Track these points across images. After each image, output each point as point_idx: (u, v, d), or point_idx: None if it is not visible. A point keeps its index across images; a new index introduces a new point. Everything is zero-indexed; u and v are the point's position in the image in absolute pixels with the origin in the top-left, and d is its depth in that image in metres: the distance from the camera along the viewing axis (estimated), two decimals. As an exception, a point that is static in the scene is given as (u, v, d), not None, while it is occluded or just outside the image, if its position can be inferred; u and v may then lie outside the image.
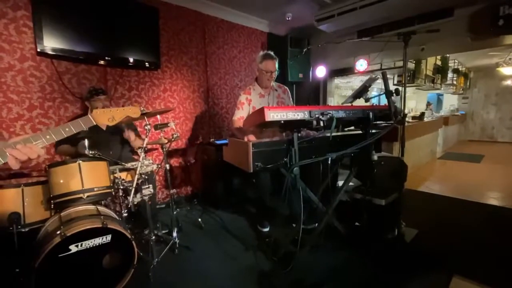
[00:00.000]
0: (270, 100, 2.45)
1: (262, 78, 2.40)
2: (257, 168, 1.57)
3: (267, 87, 2.43)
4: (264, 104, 2.35)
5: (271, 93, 2.46)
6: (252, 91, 2.41)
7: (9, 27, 2.24)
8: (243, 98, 2.36)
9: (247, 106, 2.35)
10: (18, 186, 1.69)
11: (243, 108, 2.34)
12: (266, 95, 2.44)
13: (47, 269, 1.42)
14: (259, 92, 2.41)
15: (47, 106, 2.47)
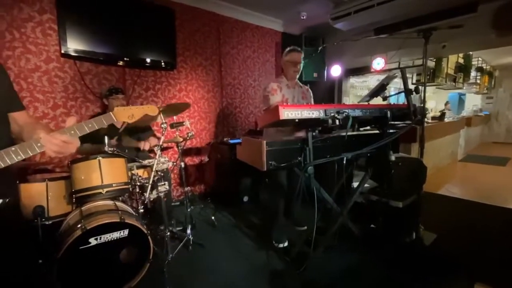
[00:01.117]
0: (296, 93, 2.39)
1: (288, 71, 2.35)
2: (270, 167, 1.57)
3: (293, 79, 2.39)
4: (291, 96, 2.33)
5: (296, 88, 2.41)
6: (281, 82, 2.35)
7: (36, 30, 2.36)
8: (274, 85, 2.27)
9: (279, 92, 2.26)
10: (43, 181, 1.78)
11: (277, 93, 2.24)
12: (292, 88, 2.39)
13: (68, 261, 1.48)
14: (286, 83, 2.35)
15: (70, 105, 2.59)
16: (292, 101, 2.31)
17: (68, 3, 2.40)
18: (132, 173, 1.95)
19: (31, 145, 0.89)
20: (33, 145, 0.89)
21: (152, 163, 1.91)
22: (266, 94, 2.25)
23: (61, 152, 0.93)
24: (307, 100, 2.46)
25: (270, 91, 2.23)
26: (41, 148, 0.90)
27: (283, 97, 2.27)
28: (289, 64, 2.32)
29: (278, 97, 2.24)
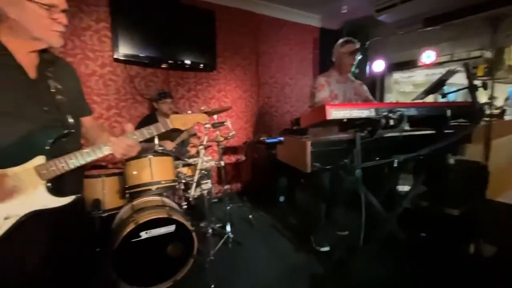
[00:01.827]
0: (347, 89, 2.23)
1: (343, 62, 2.19)
2: (314, 169, 1.51)
3: (347, 72, 2.24)
4: (341, 91, 2.18)
5: (348, 82, 2.26)
6: (331, 76, 2.22)
7: (93, 37, 2.59)
8: (322, 80, 2.15)
9: (327, 88, 2.14)
10: (100, 176, 1.94)
11: (324, 89, 2.12)
12: (343, 83, 2.23)
13: (122, 252, 1.60)
14: (336, 78, 2.21)
15: (121, 106, 2.80)
16: (343, 97, 2.17)
17: (121, 11, 2.60)
18: (178, 170, 2.04)
19: (102, 148, 0.99)
20: (103, 147, 1.00)
21: (196, 162, 1.98)
22: (312, 90, 2.16)
23: (126, 154, 1.04)
24: (360, 96, 2.29)
25: (317, 86, 2.13)
26: (110, 151, 1.01)
27: (331, 93, 2.14)
28: (346, 56, 2.17)
29: (325, 93, 2.12)
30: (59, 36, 0.94)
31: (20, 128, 0.88)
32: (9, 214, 0.85)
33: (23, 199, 0.87)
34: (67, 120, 0.99)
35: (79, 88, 1.15)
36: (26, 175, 0.87)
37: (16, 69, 0.90)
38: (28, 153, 0.88)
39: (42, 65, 0.97)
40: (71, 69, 1.15)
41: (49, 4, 0.87)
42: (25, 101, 0.90)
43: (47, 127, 0.93)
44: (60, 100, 0.98)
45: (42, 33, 0.90)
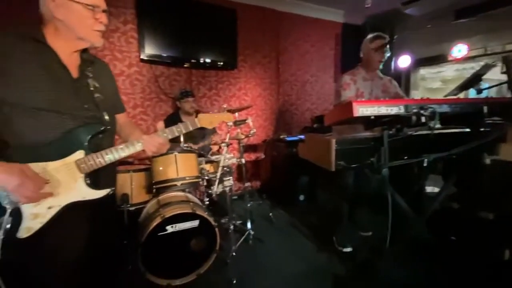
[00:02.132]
0: (375, 87, 2.13)
1: (371, 59, 2.11)
2: (339, 167, 1.48)
3: (375, 69, 2.16)
4: (367, 89, 2.10)
5: (375, 79, 2.16)
6: (357, 74, 2.15)
7: (121, 39, 2.70)
8: (347, 79, 2.09)
9: (352, 86, 2.07)
10: (128, 172, 2.03)
11: (349, 88, 2.06)
12: (370, 81, 2.14)
13: (149, 245, 1.66)
14: (363, 75, 2.14)
15: (146, 105, 2.90)
16: (369, 96, 2.10)
17: (146, 13, 2.69)
18: (201, 167, 2.09)
19: (135, 144, 1.05)
20: (136, 144, 1.05)
21: (219, 159, 2.01)
22: (338, 89, 2.10)
23: (157, 152, 1.08)
24: (389, 94, 2.20)
25: (343, 85, 2.07)
26: (142, 147, 1.06)
27: (357, 91, 2.08)
28: (374, 52, 2.09)
29: (351, 91, 2.06)
30: (100, 36, 0.99)
31: (63, 124, 0.93)
32: (52, 204, 0.91)
33: (64, 191, 0.93)
34: (104, 117, 1.04)
35: (114, 87, 1.20)
36: (67, 168, 0.94)
37: (61, 68, 0.95)
38: (69, 147, 0.94)
39: (82, 64, 1.03)
40: (108, 68, 1.19)
41: (92, 5, 0.92)
42: (68, 99, 0.95)
43: (87, 123, 0.98)
44: (98, 98, 1.03)
45: (85, 33, 0.95)
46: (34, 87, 0.88)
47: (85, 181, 0.96)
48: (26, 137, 0.89)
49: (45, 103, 0.89)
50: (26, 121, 0.89)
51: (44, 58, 0.92)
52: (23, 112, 0.88)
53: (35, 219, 0.89)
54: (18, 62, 0.86)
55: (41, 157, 0.90)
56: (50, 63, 0.93)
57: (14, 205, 0.86)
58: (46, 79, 0.90)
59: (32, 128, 0.89)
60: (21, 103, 0.87)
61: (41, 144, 0.90)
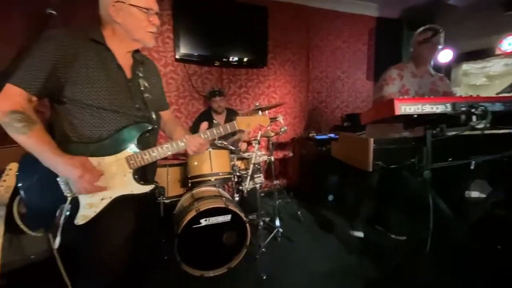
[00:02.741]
0: (423, 84, 1.99)
1: (419, 53, 1.98)
2: (377, 168, 1.44)
3: (425, 64, 2.01)
4: (414, 87, 1.96)
5: (424, 76, 2.02)
6: (405, 68, 2.02)
7: (158, 39, 2.84)
8: (394, 73, 1.97)
9: (398, 81, 1.95)
10: (165, 166, 2.13)
11: (393, 83, 1.93)
12: (419, 77, 2.01)
13: (184, 237, 1.74)
14: (412, 71, 2.00)
15: (180, 103, 3.03)
16: (415, 94, 1.96)
17: (182, 13, 2.79)
18: (232, 164, 2.13)
19: (178, 144, 1.11)
20: (179, 143, 1.11)
21: (250, 156, 2.04)
22: (381, 83, 1.97)
23: (197, 151, 1.14)
24: (438, 93, 2.04)
25: (386, 79, 1.94)
26: (184, 147, 1.11)
27: (402, 88, 1.95)
28: (422, 45, 1.96)
29: (395, 87, 1.93)
30: (152, 37, 1.05)
31: (117, 122, 1.00)
32: (104, 196, 0.99)
33: (115, 184, 1.01)
34: (152, 117, 1.10)
35: (161, 86, 1.26)
36: (119, 163, 1.01)
37: (117, 68, 1.02)
38: (121, 144, 1.02)
39: (134, 65, 1.09)
40: (155, 67, 1.25)
41: (147, 8, 0.98)
42: (123, 98, 1.02)
43: (137, 122, 1.04)
44: (147, 98, 1.10)
45: (140, 34, 1.01)
46: (95, 87, 0.95)
47: (133, 177, 1.04)
48: (84, 132, 0.97)
49: (103, 102, 0.96)
50: (85, 118, 0.96)
51: (104, 59, 0.98)
52: (83, 109, 0.95)
53: (90, 208, 0.97)
54: (82, 62, 0.93)
55: (96, 152, 0.98)
56: (108, 64, 0.99)
57: (73, 195, 0.95)
58: (105, 79, 0.97)
59: (90, 124, 0.97)
60: (82, 101, 0.94)
61: (97, 140, 0.98)
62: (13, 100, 0.86)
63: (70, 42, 0.91)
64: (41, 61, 0.88)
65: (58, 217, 0.92)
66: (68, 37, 0.92)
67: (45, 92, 0.91)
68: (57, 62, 0.89)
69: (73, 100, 0.94)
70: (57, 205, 0.94)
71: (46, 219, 0.95)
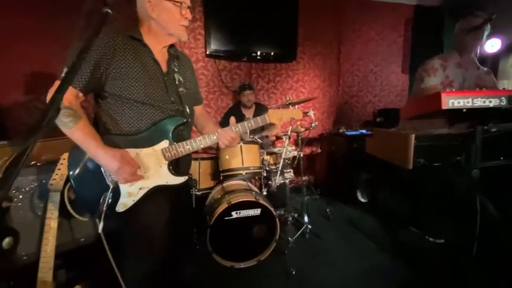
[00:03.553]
0: (468, 76, 1.84)
1: (467, 42, 1.82)
2: (418, 165, 1.36)
3: (469, 53, 1.86)
4: (458, 78, 1.81)
5: (470, 68, 1.86)
6: (449, 59, 1.87)
7: (190, 36, 2.90)
8: (437, 63, 1.82)
9: (441, 73, 1.81)
10: (197, 160, 2.20)
11: (435, 74, 1.79)
12: (464, 69, 1.85)
13: (216, 228, 1.79)
14: (456, 61, 1.85)
15: (210, 98, 3.09)
16: (460, 86, 1.81)
17: (213, 9, 2.83)
18: (262, 158, 2.14)
19: (211, 137, 1.12)
20: (211, 137, 1.12)
21: (281, 151, 2.04)
22: (421, 73, 1.84)
23: (229, 145, 1.14)
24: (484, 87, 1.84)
25: (428, 69, 1.80)
26: (216, 140, 1.12)
27: (445, 79, 1.80)
28: (465, 34, 1.80)
29: (437, 78, 1.79)
30: (185, 31, 1.08)
31: (154, 116, 1.04)
32: (142, 186, 1.04)
33: (151, 175, 1.05)
34: (186, 111, 1.13)
35: (195, 80, 1.29)
36: (155, 155, 1.05)
37: (154, 63, 1.06)
38: (157, 137, 1.05)
39: (170, 59, 1.13)
40: (190, 62, 1.29)
41: (180, 1, 1.01)
42: (159, 92, 1.05)
43: (172, 116, 1.08)
44: (182, 92, 1.13)
45: (174, 28, 1.04)
46: (132, 81, 0.99)
47: (168, 168, 1.07)
48: (124, 125, 1.02)
49: (140, 95, 1.01)
50: (125, 111, 1.01)
51: (141, 55, 1.03)
52: (123, 103, 1.00)
53: (129, 197, 1.03)
54: (121, 58, 0.98)
55: (134, 144, 1.03)
56: (146, 59, 1.04)
57: (114, 184, 1.01)
58: (143, 75, 1.01)
59: (129, 118, 1.02)
60: (121, 95, 0.99)
61: (135, 133, 1.03)
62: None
63: (110, 41, 0.96)
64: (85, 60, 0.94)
65: (102, 204, 0.99)
66: (108, 35, 0.96)
67: (89, 88, 0.97)
68: (99, 60, 0.94)
69: (113, 94, 0.99)
70: (101, 193, 1.01)
71: (92, 205, 1.02)
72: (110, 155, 0.94)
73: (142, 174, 1.03)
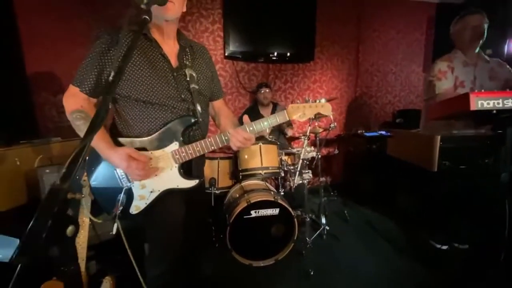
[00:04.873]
0: (478, 72, 1.81)
1: (463, 38, 1.83)
2: (443, 168, 1.33)
3: (471, 50, 1.84)
4: (469, 77, 1.79)
5: (479, 64, 1.83)
6: (454, 59, 1.86)
7: (209, 38, 2.98)
8: (444, 66, 1.81)
9: (450, 75, 1.79)
10: (216, 159, 2.25)
11: (446, 77, 1.78)
12: (472, 65, 1.82)
13: (235, 226, 1.83)
14: (462, 60, 1.83)
15: (228, 99, 3.14)
16: (472, 84, 1.76)
17: (232, 11, 2.88)
18: (280, 158, 2.16)
19: (222, 138, 1.06)
20: (222, 138, 1.06)
21: (300, 152, 2.05)
22: (430, 79, 1.81)
23: (242, 146, 1.06)
24: (499, 81, 1.80)
25: (436, 74, 1.79)
26: (228, 142, 1.06)
27: (456, 80, 1.77)
28: (463, 32, 1.80)
29: (449, 82, 1.76)
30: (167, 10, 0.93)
31: (163, 116, 1.01)
32: (153, 189, 1.04)
33: (162, 178, 1.04)
34: (197, 109, 1.07)
35: (211, 73, 1.19)
36: (165, 158, 1.03)
37: (163, 58, 1.01)
38: (167, 139, 1.03)
39: (180, 53, 1.07)
40: (206, 53, 1.20)
41: None
42: (168, 89, 1.01)
43: (181, 116, 1.04)
44: (193, 89, 1.06)
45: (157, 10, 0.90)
46: (141, 81, 0.96)
47: (179, 171, 1.05)
48: (135, 127, 1.01)
49: (150, 96, 0.98)
50: (135, 113, 1.00)
51: (148, 51, 0.99)
52: (133, 104, 0.99)
53: (141, 200, 1.03)
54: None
55: (146, 146, 1.01)
56: (154, 55, 0.99)
57: (128, 186, 1.02)
58: (150, 73, 0.97)
59: (140, 119, 1.00)
60: (130, 96, 0.97)
61: (146, 135, 1.02)
62: (74, 100, 0.96)
63: (112, 39, 0.94)
64: (89, 62, 0.95)
65: (116, 206, 1.00)
66: (110, 35, 0.94)
67: (98, 91, 0.97)
68: (103, 61, 0.94)
69: (123, 96, 0.97)
70: (116, 195, 1.02)
71: (107, 207, 1.04)
72: (117, 154, 0.93)
73: (153, 172, 1.01)
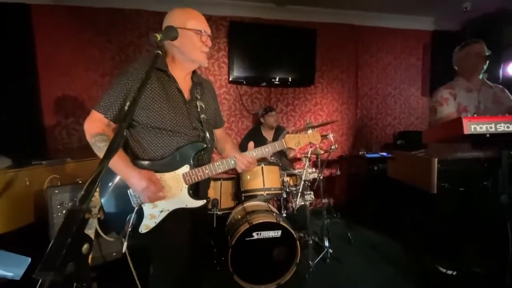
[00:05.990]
0: (482, 97, 1.85)
1: (467, 64, 1.88)
2: (442, 190, 1.35)
3: (474, 76, 1.89)
4: (473, 103, 1.84)
5: (482, 89, 1.87)
6: (456, 86, 1.90)
7: (214, 64, 3.14)
8: (446, 93, 1.86)
9: (452, 101, 1.84)
10: (219, 180, 2.28)
11: (448, 103, 1.83)
12: (476, 91, 1.86)
13: (237, 248, 1.81)
14: (465, 86, 1.87)
15: (231, 120, 3.24)
16: (475, 110, 1.82)
17: (236, 40, 3.06)
18: (283, 179, 2.19)
19: (229, 162, 1.17)
20: (230, 161, 1.17)
21: (301, 173, 2.08)
22: (433, 104, 1.89)
23: (246, 169, 1.18)
24: (502, 105, 1.85)
25: (438, 100, 1.85)
26: (234, 165, 1.17)
27: (458, 106, 1.83)
28: (467, 59, 1.88)
29: (450, 107, 1.82)
30: (206, 57, 1.15)
31: (176, 142, 1.11)
32: (163, 208, 1.10)
33: (172, 198, 1.10)
34: (206, 136, 1.18)
35: (216, 104, 1.35)
36: (176, 179, 1.11)
37: (178, 92, 1.14)
38: (179, 162, 1.11)
39: (193, 87, 1.20)
40: (212, 88, 1.35)
41: (200, 30, 1.10)
42: (182, 119, 1.12)
43: (193, 142, 1.14)
44: (203, 119, 1.18)
45: (196, 54, 1.11)
46: (159, 111, 1.07)
47: (188, 192, 1.12)
48: (150, 151, 1.10)
49: (165, 123, 1.08)
50: (151, 139, 1.09)
51: (166, 85, 1.11)
52: (149, 131, 1.08)
53: (151, 219, 1.09)
54: (149, 89, 1.07)
55: (158, 169, 1.09)
56: (171, 89, 1.12)
57: (138, 206, 1.07)
58: (167, 104, 1.09)
59: (155, 144, 1.10)
60: (148, 123, 1.07)
61: (160, 158, 1.10)
62: (96, 124, 1.06)
63: (137, 74, 1.05)
64: (115, 92, 1.05)
65: (127, 225, 1.04)
66: (136, 69, 1.06)
67: (120, 118, 1.06)
68: (128, 92, 1.05)
69: (141, 123, 1.07)
70: (127, 214, 1.06)
71: (118, 225, 1.07)
72: (138, 175, 1.00)
73: (165, 195, 1.08)
